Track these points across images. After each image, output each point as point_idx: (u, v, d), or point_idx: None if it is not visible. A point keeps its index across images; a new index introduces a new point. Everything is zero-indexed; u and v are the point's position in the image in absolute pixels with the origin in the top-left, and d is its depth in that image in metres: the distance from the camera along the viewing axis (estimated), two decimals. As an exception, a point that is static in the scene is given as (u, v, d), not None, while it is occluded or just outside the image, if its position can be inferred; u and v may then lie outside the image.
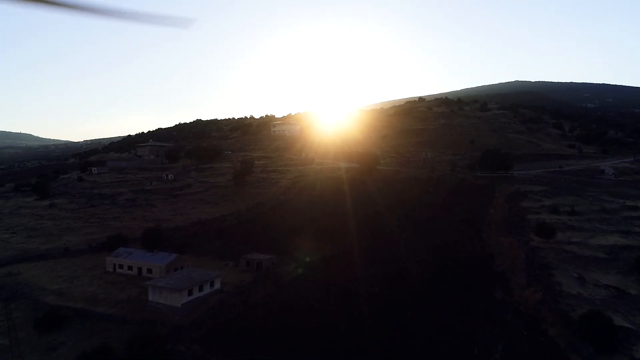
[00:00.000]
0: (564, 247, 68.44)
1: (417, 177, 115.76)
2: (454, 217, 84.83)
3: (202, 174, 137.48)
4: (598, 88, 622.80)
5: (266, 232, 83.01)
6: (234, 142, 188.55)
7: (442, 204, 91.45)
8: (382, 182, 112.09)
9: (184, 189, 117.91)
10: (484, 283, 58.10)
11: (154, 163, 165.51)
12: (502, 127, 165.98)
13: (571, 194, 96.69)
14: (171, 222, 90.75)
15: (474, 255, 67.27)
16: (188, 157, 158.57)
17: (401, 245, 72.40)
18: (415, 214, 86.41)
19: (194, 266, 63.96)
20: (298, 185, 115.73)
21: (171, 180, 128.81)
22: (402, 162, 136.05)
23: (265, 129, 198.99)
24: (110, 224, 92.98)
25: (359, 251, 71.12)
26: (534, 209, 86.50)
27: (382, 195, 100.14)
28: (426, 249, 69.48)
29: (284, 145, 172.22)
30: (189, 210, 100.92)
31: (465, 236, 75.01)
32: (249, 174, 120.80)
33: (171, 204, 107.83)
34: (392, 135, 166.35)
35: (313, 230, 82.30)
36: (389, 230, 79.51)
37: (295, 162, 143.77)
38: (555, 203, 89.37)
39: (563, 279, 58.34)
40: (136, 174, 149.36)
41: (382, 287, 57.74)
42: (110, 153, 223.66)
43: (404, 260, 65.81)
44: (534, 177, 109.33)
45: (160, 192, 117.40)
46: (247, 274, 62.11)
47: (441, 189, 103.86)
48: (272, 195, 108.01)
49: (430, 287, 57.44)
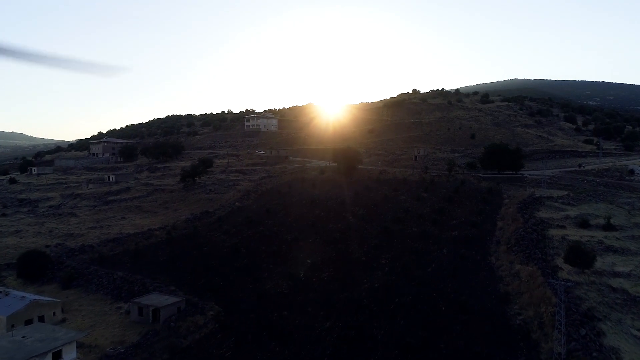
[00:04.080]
0: (608, 281, 47.37)
1: (406, 178, 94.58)
2: (451, 233, 63.77)
3: (153, 175, 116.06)
4: (599, 86, 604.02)
5: (198, 256, 61.74)
6: (204, 138, 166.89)
7: (436, 215, 70.35)
8: (362, 185, 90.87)
9: (121, 193, 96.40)
10: (497, 346, 36.95)
11: (107, 162, 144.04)
12: (507, 120, 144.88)
13: (600, 200, 75.77)
14: (81, 239, 69.40)
15: (481, 294, 46.15)
16: (144, 155, 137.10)
17: (375, 279, 51.11)
18: (399, 230, 65.23)
19: (81, 308, 42.61)
20: (261, 189, 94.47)
21: (112, 182, 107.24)
22: (389, 160, 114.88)
23: (240, 124, 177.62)
24: (2, 241, 71.37)
25: (314, 289, 49.95)
26: (556, 222, 65.46)
27: (360, 203, 78.98)
28: (409, 286, 48.29)
29: (258, 142, 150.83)
30: (115, 222, 79.58)
31: (468, 263, 53.87)
32: (201, 175, 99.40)
33: (98, 212, 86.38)
34: (380, 130, 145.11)
35: (258, 253, 61.12)
36: (360, 255, 58.25)
37: (266, 161, 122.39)
38: (582, 213, 68.41)
39: (619, 340, 37.37)
40: (80, 175, 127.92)
41: (336, 354, 36.59)
42: (72, 151, 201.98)
43: (373, 307, 44.61)
44: (550, 179, 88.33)
45: (91, 197, 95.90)
46: (135, 329, 40.85)
47: (435, 193, 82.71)
48: (225, 202, 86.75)
49: (412, 356, 36.32)
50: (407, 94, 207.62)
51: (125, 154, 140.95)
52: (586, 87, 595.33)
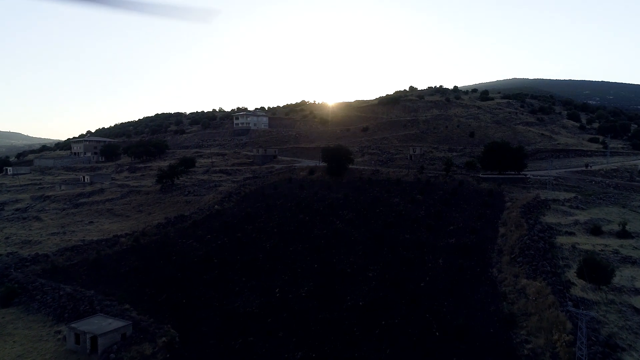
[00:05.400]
0: (629, 299, 40.77)
1: (400, 179, 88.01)
2: (448, 240, 57.21)
3: (132, 175, 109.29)
4: (598, 85, 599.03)
5: (164, 266, 55.09)
6: (191, 137, 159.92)
7: (432, 220, 63.80)
8: (352, 186, 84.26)
9: (93, 195, 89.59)
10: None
11: (88, 161, 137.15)
12: (508, 117, 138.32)
13: (612, 203, 69.37)
14: (38, 247, 62.65)
15: (481, 314, 39.56)
16: (127, 154, 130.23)
17: (360, 295, 44.47)
18: (390, 237, 58.62)
19: None
20: (244, 190, 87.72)
21: (87, 182, 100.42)
22: (383, 159, 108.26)
23: (230, 122, 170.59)
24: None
25: (289, 308, 43.28)
26: (564, 228, 58.92)
27: (349, 206, 72.37)
28: (399, 305, 41.69)
29: (247, 141, 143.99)
30: (81, 227, 72.88)
31: (466, 276, 47.30)
32: (180, 176, 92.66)
33: (65, 216, 79.62)
34: (375, 128, 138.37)
35: (231, 264, 54.48)
36: (345, 265, 51.59)
37: (253, 160, 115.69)
38: (593, 218, 61.94)
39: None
40: (57, 175, 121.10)
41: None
42: (56, 151, 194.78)
43: (355, 330, 37.95)
44: (555, 180, 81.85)
45: (62, 200, 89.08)
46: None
47: (431, 196, 76.16)
48: (204, 205, 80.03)
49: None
50: (403, 91, 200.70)
51: (107, 153, 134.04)
52: (585, 87, 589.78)
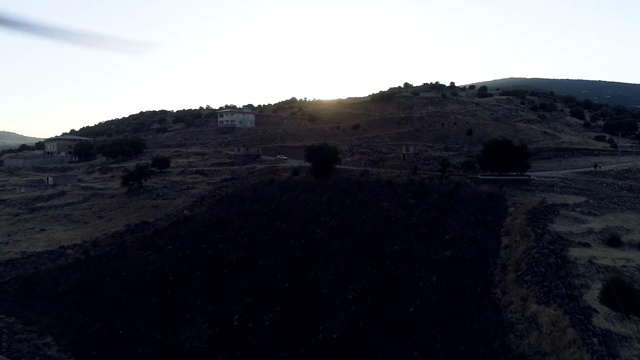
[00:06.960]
0: (666, 332, 32.72)
1: (391, 180, 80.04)
2: (443, 252, 49.21)
3: (102, 176, 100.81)
4: (595, 85, 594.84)
5: (110, 285, 46.89)
6: (173, 135, 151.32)
7: (425, 228, 55.81)
8: (339, 188, 76.21)
9: (53, 198, 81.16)
10: None
11: (60, 161, 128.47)
12: (508, 115, 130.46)
13: (628, 208, 61.59)
14: (-30, 260, 54.04)
15: (484, 352, 31.54)
16: (101, 153, 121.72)
17: (335, 324, 36.35)
18: (376, 248, 50.55)
19: None
20: (219, 193, 79.52)
21: (50, 184, 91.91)
22: (374, 159, 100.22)
23: (215, 120, 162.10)
24: None
25: (247, 342, 35.15)
26: (577, 238, 50.93)
27: (332, 211, 64.29)
28: (382, 339, 33.62)
29: (232, 139, 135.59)
30: (29, 235, 64.50)
31: (464, 298, 39.29)
32: (149, 177, 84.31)
33: (16, 222, 71.17)
34: (366, 126, 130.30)
35: (188, 282, 46.29)
36: (322, 285, 43.45)
37: (234, 160, 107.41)
38: (609, 226, 53.97)
39: None
40: (25, 177, 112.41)
41: None
42: (34, 150, 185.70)
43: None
44: (563, 182, 74.02)
45: (17, 204, 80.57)
46: None
47: (425, 199, 68.14)
48: (172, 210, 71.83)
49: None
50: (398, 87, 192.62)
51: (81, 153, 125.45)
52: (583, 86, 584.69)
